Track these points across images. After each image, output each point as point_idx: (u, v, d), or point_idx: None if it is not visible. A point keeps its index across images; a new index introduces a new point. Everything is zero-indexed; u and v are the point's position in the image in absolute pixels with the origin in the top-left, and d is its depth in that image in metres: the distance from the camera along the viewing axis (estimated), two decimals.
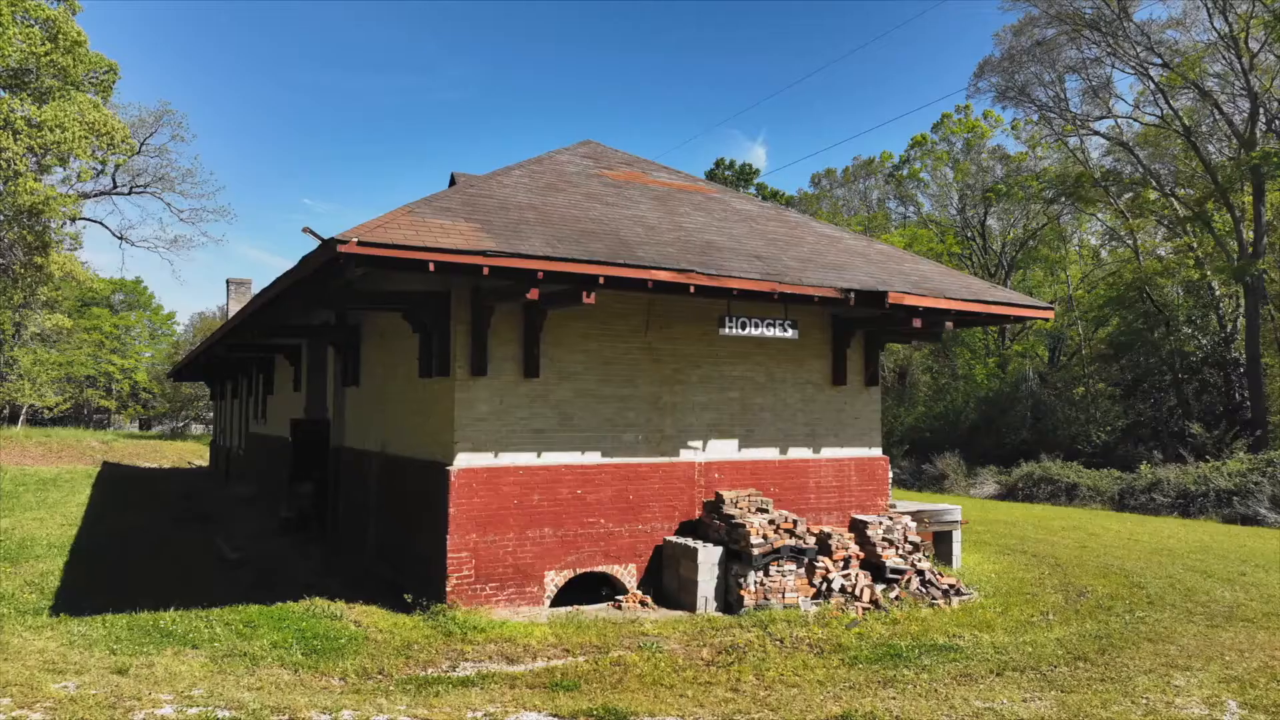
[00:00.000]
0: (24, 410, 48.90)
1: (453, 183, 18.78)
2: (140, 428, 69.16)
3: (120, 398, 67.71)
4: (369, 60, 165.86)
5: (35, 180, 26.66)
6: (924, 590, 12.38)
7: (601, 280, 9.92)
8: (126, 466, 36.03)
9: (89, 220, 41.45)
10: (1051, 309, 14.01)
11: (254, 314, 13.49)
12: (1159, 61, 38.11)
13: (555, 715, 7.39)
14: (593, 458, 11.75)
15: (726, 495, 12.04)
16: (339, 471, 15.87)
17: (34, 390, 41.35)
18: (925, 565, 12.86)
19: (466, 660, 9.23)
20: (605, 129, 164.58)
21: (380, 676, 8.63)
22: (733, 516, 11.73)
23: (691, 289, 10.47)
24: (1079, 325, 45.78)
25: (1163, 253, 43.67)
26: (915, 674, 8.90)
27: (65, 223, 32.62)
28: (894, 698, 8.11)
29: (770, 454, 13.15)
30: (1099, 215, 46.32)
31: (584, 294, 10.02)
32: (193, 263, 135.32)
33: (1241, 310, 39.34)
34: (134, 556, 14.65)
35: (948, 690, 8.32)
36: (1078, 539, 18.72)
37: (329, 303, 11.86)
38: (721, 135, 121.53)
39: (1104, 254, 52.36)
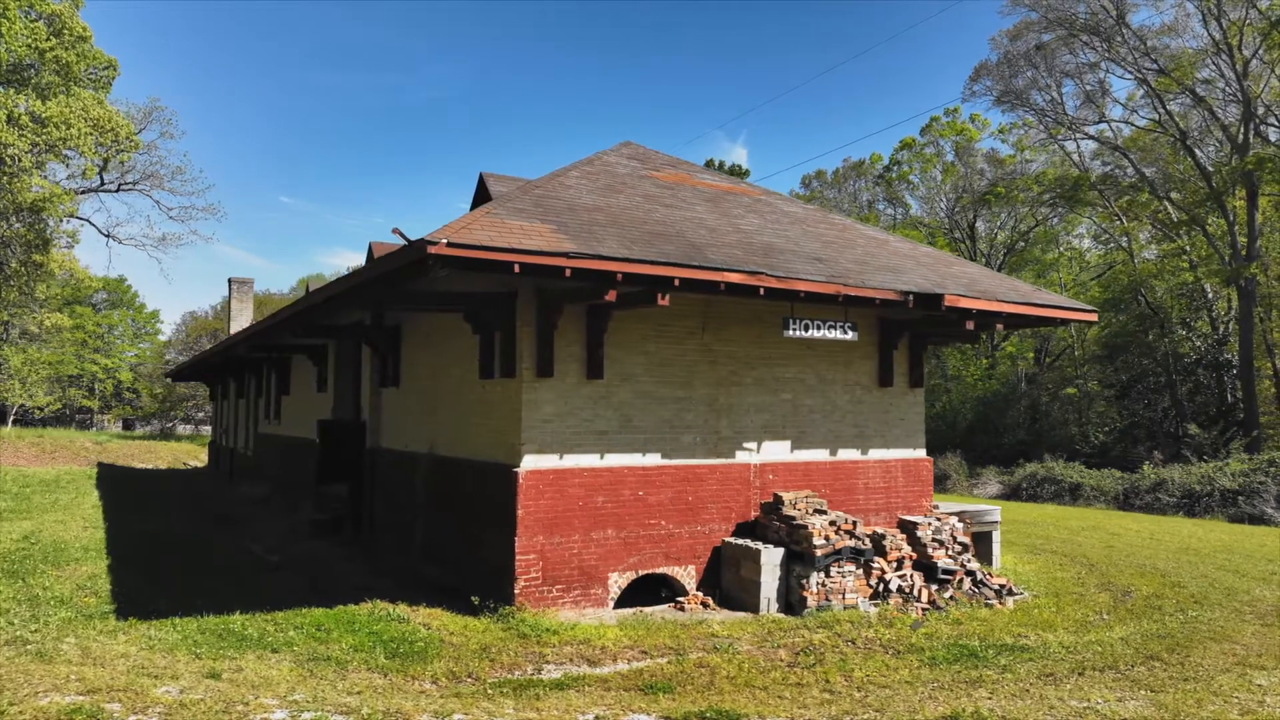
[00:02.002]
0: (13, 410, 48.16)
1: (481, 183, 18.74)
2: (124, 428, 68.34)
3: (104, 398, 66.87)
4: (350, 58, 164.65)
5: (41, 177, 26.27)
6: (976, 590, 12.49)
7: (677, 283, 9.93)
8: (123, 467, 35.60)
9: (78, 218, 40.91)
10: (1095, 312, 14.19)
11: (302, 313, 13.39)
12: (1154, 67, 38.63)
13: (667, 717, 7.39)
14: (653, 459, 11.76)
15: (786, 497, 12.08)
16: (375, 473, 15.76)
17: (24, 390, 40.72)
18: (975, 566, 12.98)
19: (548, 663, 9.20)
20: (594, 131, 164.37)
21: (470, 679, 8.59)
22: (793, 518, 11.78)
23: (761, 291, 10.50)
24: (1071, 326, 46.29)
25: (1150, 255, 44.28)
26: (998, 674, 8.99)
27: (63, 220, 32.17)
28: (988, 698, 8.18)
29: (821, 455, 13.21)
30: (1091, 218, 46.84)
31: (658, 296, 10.03)
32: (180, 260, 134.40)
33: (1234, 313, 39.98)
34: (171, 559, 14.49)
35: (1039, 690, 8.41)
36: (1101, 539, 18.95)
37: (392, 303, 11.77)
38: (707, 137, 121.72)
39: (1088, 257, 53.07)
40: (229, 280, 33.54)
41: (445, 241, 8.57)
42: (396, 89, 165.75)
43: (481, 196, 18.67)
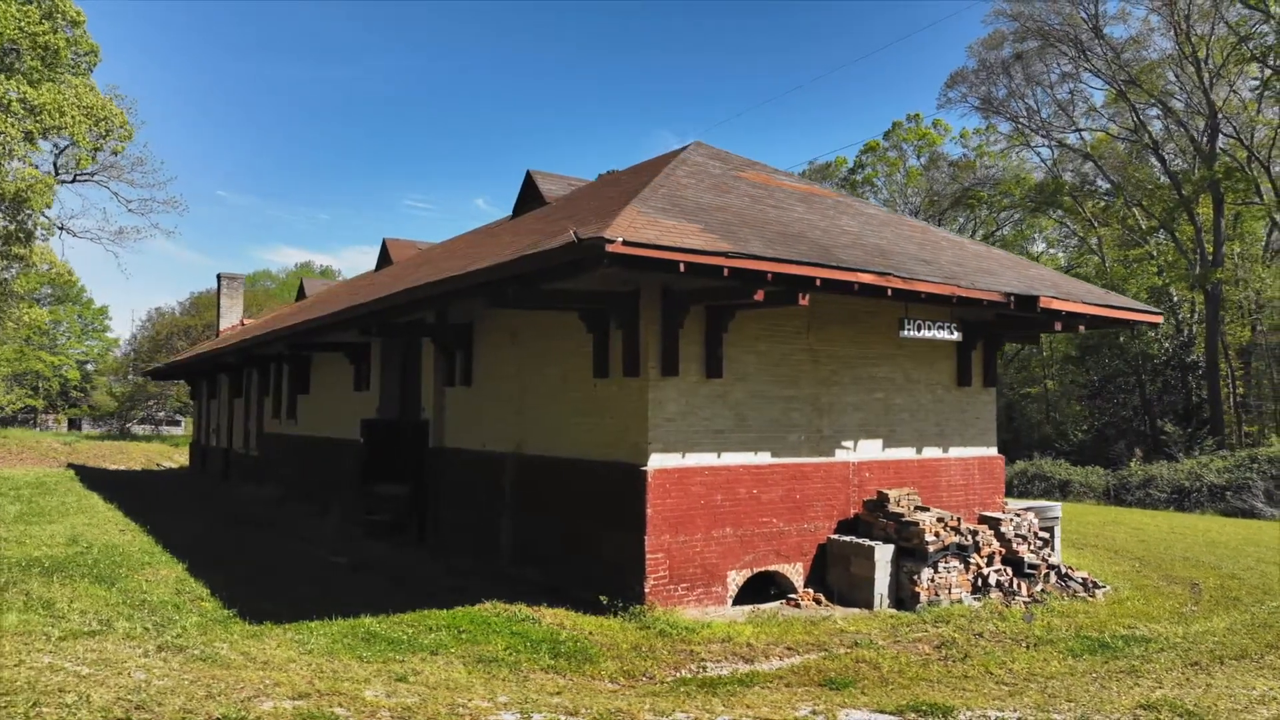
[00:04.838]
0: None
1: (529, 180, 18.60)
2: (69, 428, 65.91)
3: (49, 396, 64.42)
4: (295, 49, 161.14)
5: (33, 166, 25.27)
6: (1063, 584, 12.86)
7: (818, 283, 10.04)
8: (99, 469, 34.37)
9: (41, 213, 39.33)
10: (1160, 314, 14.72)
11: (386, 309, 13.18)
12: (1126, 78, 40.01)
13: (881, 711, 7.49)
14: (764, 458, 11.85)
15: (890, 494, 12.28)
16: (441, 473, 15.54)
17: None
18: (1056, 560, 13.35)
19: (705, 660, 9.22)
20: (561, 128, 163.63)
21: (645, 679, 8.58)
22: (901, 515, 11.98)
23: (889, 292, 10.68)
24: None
25: (1106, 259, 45.85)
26: (1143, 664, 9.28)
27: (41, 211, 30.99)
28: (1158, 686, 8.44)
29: (909, 453, 13.46)
30: (1064, 221, 48.24)
31: (799, 296, 10.12)
32: (135, 254, 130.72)
33: (1197, 316, 41.60)
34: (238, 561, 14.09)
35: (1199, 679, 8.70)
36: (1128, 533, 19.59)
37: (509, 301, 11.58)
38: (656, 138, 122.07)
39: (1041, 260, 54.75)
40: (218, 276, 32.63)
41: (621, 240, 8.55)
42: (345, 82, 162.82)
43: (528, 194, 18.53)
